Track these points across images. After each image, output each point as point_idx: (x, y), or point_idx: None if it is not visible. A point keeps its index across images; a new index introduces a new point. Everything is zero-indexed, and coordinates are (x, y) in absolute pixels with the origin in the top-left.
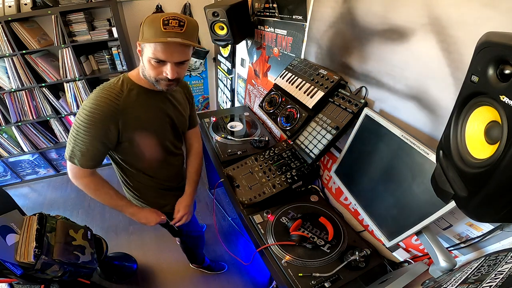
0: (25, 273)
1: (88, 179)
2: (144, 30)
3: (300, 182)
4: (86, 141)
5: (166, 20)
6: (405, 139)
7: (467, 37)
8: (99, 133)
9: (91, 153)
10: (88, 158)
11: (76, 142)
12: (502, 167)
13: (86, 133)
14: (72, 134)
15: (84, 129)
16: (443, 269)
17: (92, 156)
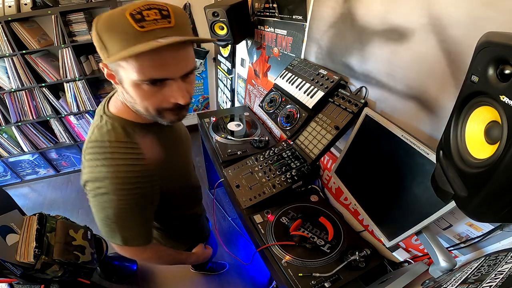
0: (25, 273)
1: (148, 252)
2: (106, 41)
3: (300, 182)
4: (137, 221)
5: (137, 13)
6: (405, 139)
7: (467, 37)
8: (147, 205)
9: (148, 228)
10: (146, 236)
11: (123, 226)
12: (502, 167)
13: (133, 214)
14: (110, 219)
15: (128, 211)
16: (443, 269)
17: (149, 231)
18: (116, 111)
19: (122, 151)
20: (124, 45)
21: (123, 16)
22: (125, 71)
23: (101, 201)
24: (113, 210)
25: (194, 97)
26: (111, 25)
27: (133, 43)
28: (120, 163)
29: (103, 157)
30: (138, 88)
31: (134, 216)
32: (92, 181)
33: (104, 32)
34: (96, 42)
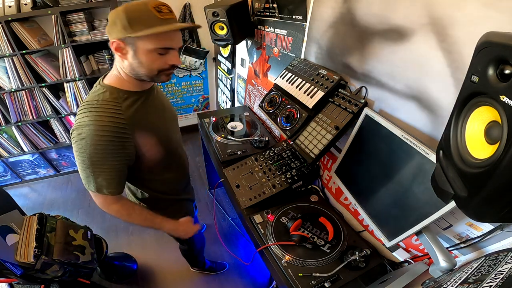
0: (25, 273)
1: (118, 205)
2: (130, 22)
3: (300, 182)
4: (108, 168)
5: (158, 7)
6: (405, 139)
7: (467, 37)
8: (119, 155)
9: (117, 179)
10: (116, 185)
11: (96, 172)
12: (502, 167)
13: (104, 160)
14: (86, 164)
15: (100, 157)
16: (443, 269)
17: (119, 182)
18: (108, 82)
19: (105, 106)
20: (150, 26)
21: (148, 8)
22: (144, 43)
23: (80, 146)
24: (88, 155)
25: (194, 97)
26: (139, 13)
27: (158, 25)
28: (101, 114)
29: (88, 110)
30: (150, 54)
31: (106, 162)
32: (76, 128)
33: (129, 16)
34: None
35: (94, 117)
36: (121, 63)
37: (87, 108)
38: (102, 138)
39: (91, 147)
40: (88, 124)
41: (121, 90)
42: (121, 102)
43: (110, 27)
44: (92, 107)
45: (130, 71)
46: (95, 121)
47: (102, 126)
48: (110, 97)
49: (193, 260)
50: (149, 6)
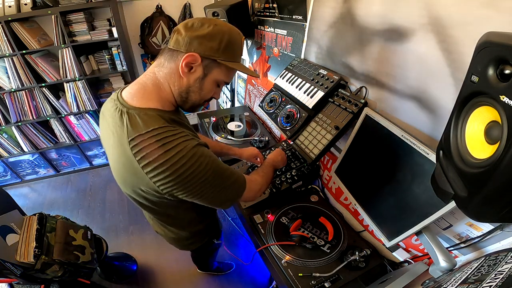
0: (25, 273)
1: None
2: (226, 46)
3: (300, 182)
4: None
5: (244, 41)
6: (405, 139)
7: (467, 37)
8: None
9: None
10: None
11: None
12: (502, 167)
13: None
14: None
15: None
16: (443, 269)
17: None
18: (142, 103)
19: (170, 133)
20: (236, 58)
21: (241, 41)
22: (219, 72)
23: (195, 180)
24: (214, 170)
25: None
26: (236, 43)
27: (238, 60)
28: (176, 143)
29: (159, 145)
30: (213, 84)
31: (222, 163)
32: (169, 176)
33: (231, 43)
34: (218, 41)
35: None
36: (175, 80)
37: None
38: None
39: (210, 163)
40: (177, 156)
41: (166, 112)
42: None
43: (202, 38)
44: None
45: (181, 92)
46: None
47: (189, 147)
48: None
49: (202, 265)
50: (242, 39)
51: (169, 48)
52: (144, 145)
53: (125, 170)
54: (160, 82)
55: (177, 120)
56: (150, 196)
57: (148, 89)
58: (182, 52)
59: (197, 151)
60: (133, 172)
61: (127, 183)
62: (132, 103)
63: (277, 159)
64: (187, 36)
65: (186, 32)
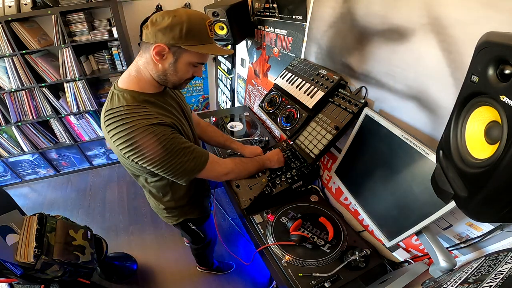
0: (25, 273)
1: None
2: (187, 33)
3: (300, 182)
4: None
5: (210, 24)
6: (405, 139)
7: (467, 37)
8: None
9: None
10: (201, 149)
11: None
12: (502, 167)
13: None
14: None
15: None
16: (443, 269)
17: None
18: (125, 86)
19: (135, 109)
20: (201, 41)
21: (204, 24)
22: (189, 56)
23: (149, 152)
24: (166, 148)
25: (194, 97)
26: (195, 24)
27: (206, 42)
28: (137, 117)
29: (120, 118)
30: (188, 66)
31: (182, 140)
32: (125, 144)
33: (188, 27)
34: (178, 30)
35: (134, 122)
36: (152, 66)
37: (117, 117)
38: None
39: (161, 140)
40: (133, 131)
41: (139, 93)
42: (143, 103)
43: (164, 30)
44: (123, 115)
45: (159, 75)
46: (137, 124)
47: (147, 125)
48: (132, 101)
49: (203, 258)
50: (205, 22)
51: (143, 41)
52: (109, 117)
53: (106, 138)
54: (141, 69)
55: (151, 101)
56: (123, 159)
57: (131, 75)
58: (152, 43)
59: (149, 129)
60: (109, 140)
61: (115, 151)
62: (119, 85)
63: (272, 158)
64: (152, 30)
65: (151, 27)
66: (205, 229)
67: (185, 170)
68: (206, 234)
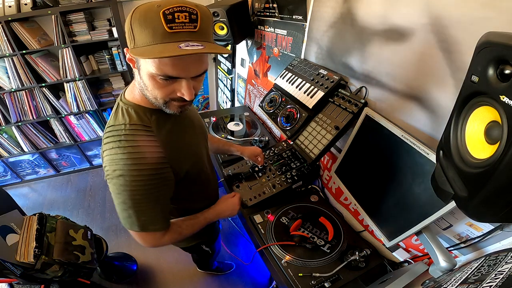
0: (25, 273)
1: (168, 235)
2: (136, 32)
3: (300, 182)
4: (152, 204)
5: (170, 13)
6: (405, 139)
7: (467, 37)
8: (162, 187)
9: (163, 213)
10: (162, 219)
11: (140, 211)
12: (502, 167)
13: (147, 196)
14: (127, 204)
15: (143, 193)
16: (443, 269)
17: (164, 216)
18: (131, 98)
19: (136, 133)
20: (151, 40)
21: (157, 13)
22: (145, 63)
23: (118, 184)
24: (129, 193)
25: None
26: (145, 19)
27: (159, 41)
28: (134, 144)
29: (118, 139)
30: (152, 79)
31: (150, 198)
32: (109, 164)
33: (136, 24)
34: (127, 29)
35: (127, 149)
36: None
37: (115, 136)
38: (142, 173)
39: (131, 185)
40: (122, 158)
41: (147, 109)
42: (150, 124)
43: (128, 32)
44: (121, 135)
45: (140, 90)
46: (129, 153)
47: (138, 159)
48: (136, 119)
49: (202, 265)
50: (158, 10)
51: None
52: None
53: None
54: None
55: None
56: None
57: (135, 85)
58: None
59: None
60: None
61: None
62: (126, 97)
63: (224, 213)
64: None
65: None
66: (215, 246)
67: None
68: (214, 249)
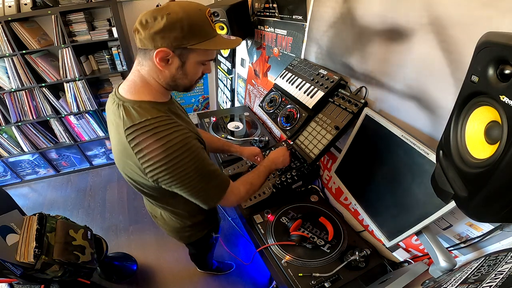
0: (25, 273)
1: (242, 186)
2: (189, 30)
3: (300, 182)
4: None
5: (210, 14)
6: (405, 139)
7: (467, 37)
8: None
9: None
10: (224, 176)
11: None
12: (502, 167)
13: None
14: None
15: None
16: (443, 269)
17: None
18: (135, 97)
19: (166, 122)
20: (208, 35)
21: (205, 16)
22: (196, 55)
23: (179, 171)
24: (197, 165)
25: (194, 97)
26: (200, 21)
27: (214, 35)
28: (171, 130)
29: (150, 134)
30: (197, 66)
31: (209, 162)
32: (159, 157)
33: (194, 25)
34: (179, 29)
35: (165, 138)
36: (157, 74)
37: (147, 132)
38: (191, 148)
39: (196, 157)
40: (164, 148)
41: (154, 102)
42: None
43: (162, 32)
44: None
45: (168, 82)
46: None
47: (179, 142)
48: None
49: (201, 264)
50: (205, 14)
51: (139, 48)
52: (137, 134)
53: (122, 156)
54: (146, 78)
55: (172, 110)
56: (145, 181)
57: (138, 85)
58: (151, 49)
59: (188, 143)
60: (129, 158)
61: (126, 169)
62: (127, 97)
63: (277, 160)
64: (147, 35)
65: (144, 31)
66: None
67: (210, 196)
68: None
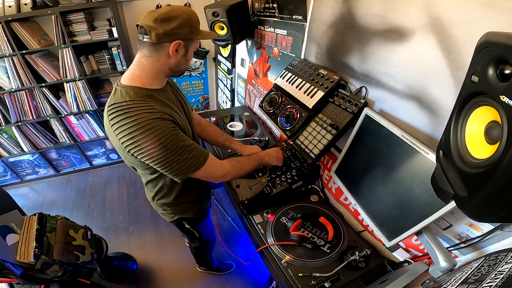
0: (25, 273)
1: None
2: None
3: (300, 182)
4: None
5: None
6: (405, 139)
7: (467, 37)
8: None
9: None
10: (202, 148)
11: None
12: (502, 167)
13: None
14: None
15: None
16: (443, 269)
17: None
18: (127, 82)
19: (138, 105)
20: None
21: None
22: (193, 45)
23: (144, 145)
24: (166, 144)
25: (194, 97)
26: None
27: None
28: (140, 112)
29: (123, 113)
30: (192, 53)
31: (183, 137)
32: (127, 137)
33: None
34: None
35: (136, 117)
36: (165, 62)
37: (120, 111)
38: (161, 125)
39: (162, 136)
40: (136, 125)
41: (142, 88)
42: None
43: (178, 28)
44: (126, 109)
45: (172, 67)
46: (140, 119)
47: (150, 120)
48: (135, 96)
49: (202, 258)
50: (195, 14)
51: (152, 42)
52: (112, 111)
53: (109, 132)
54: (148, 68)
55: (153, 96)
56: (125, 154)
57: (135, 73)
58: (167, 42)
59: (150, 123)
60: (111, 134)
61: (116, 145)
62: (123, 83)
63: (271, 155)
64: (164, 30)
65: (161, 27)
66: (201, 229)
67: (181, 168)
68: (201, 234)
